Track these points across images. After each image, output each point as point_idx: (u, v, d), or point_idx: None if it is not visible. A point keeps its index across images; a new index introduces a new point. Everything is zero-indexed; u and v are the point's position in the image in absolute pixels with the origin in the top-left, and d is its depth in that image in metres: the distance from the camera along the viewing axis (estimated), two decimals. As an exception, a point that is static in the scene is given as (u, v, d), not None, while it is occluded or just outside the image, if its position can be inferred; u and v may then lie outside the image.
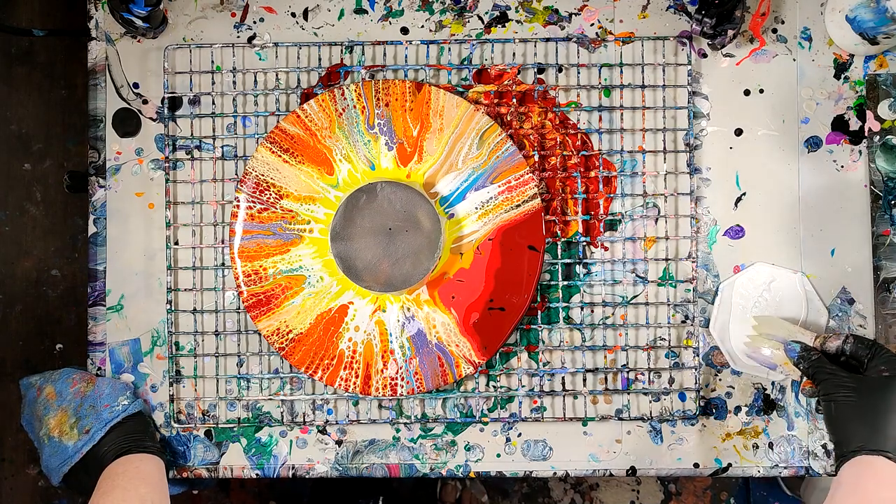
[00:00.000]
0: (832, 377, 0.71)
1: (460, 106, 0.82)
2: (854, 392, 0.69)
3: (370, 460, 0.84)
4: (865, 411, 0.68)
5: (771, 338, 0.78)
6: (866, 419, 0.68)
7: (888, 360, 0.71)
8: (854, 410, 0.69)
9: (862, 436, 0.68)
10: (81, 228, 1.37)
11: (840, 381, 0.71)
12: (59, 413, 0.79)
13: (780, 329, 0.78)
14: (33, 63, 1.38)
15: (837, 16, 0.82)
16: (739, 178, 0.84)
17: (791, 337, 0.76)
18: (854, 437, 0.68)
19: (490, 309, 0.81)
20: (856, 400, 0.69)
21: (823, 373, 0.72)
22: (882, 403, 0.68)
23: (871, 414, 0.68)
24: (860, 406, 0.69)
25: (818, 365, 0.73)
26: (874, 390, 0.69)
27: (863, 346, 0.73)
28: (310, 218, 0.82)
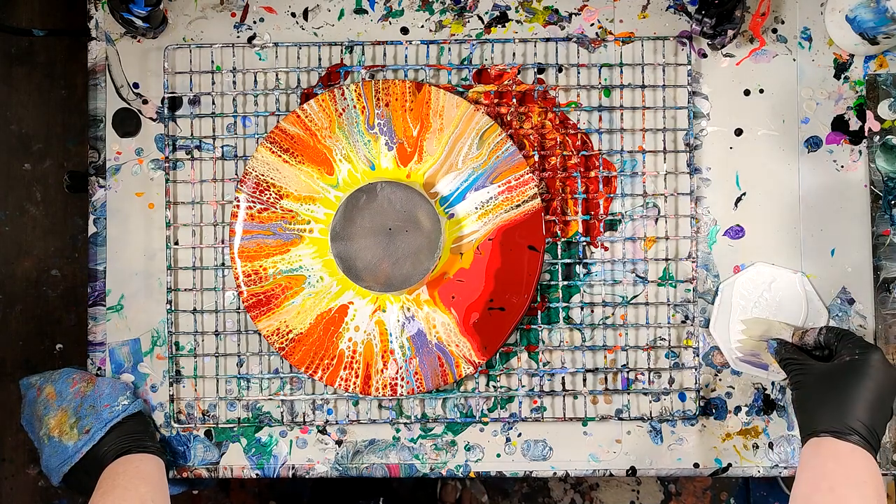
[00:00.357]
0: (800, 367, 0.73)
1: (460, 106, 0.82)
2: (816, 379, 0.71)
3: (370, 460, 0.84)
4: (825, 396, 0.70)
5: (758, 338, 0.79)
6: (827, 403, 0.69)
7: (852, 346, 0.72)
8: (815, 396, 0.70)
9: (821, 417, 0.69)
10: (81, 228, 1.37)
11: (805, 370, 0.73)
12: (59, 413, 0.79)
13: (765, 327, 0.79)
14: (33, 63, 1.38)
15: (837, 16, 0.82)
16: (739, 178, 0.84)
17: (774, 334, 0.78)
18: (814, 419, 0.70)
19: (490, 309, 0.81)
20: (817, 385, 0.71)
21: (792, 363, 0.74)
22: (841, 387, 0.69)
23: (831, 398, 0.69)
24: (821, 391, 0.70)
25: (789, 356, 0.75)
26: (834, 376, 0.71)
27: (833, 334, 0.74)
28: (310, 218, 0.82)
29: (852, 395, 0.69)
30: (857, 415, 0.68)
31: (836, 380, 0.70)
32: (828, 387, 0.70)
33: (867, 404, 0.68)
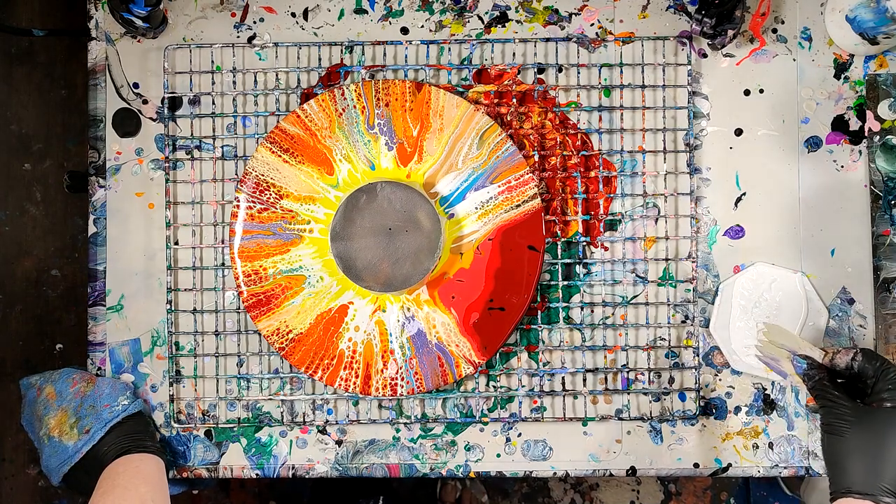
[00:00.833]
0: (833, 406, 0.68)
1: (460, 106, 0.82)
2: (852, 426, 0.66)
3: (370, 460, 0.84)
4: (861, 448, 0.65)
5: (781, 346, 0.75)
6: (861, 457, 0.65)
7: (893, 388, 0.67)
8: (849, 446, 0.66)
9: (854, 475, 0.65)
10: (81, 228, 1.38)
11: (840, 413, 0.67)
12: (59, 413, 0.79)
13: (789, 340, 0.75)
14: (33, 63, 1.38)
15: (837, 16, 0.82)
16: (739, 178, 0.84)
17: (799, 350, 0.73)
18: (846, 475, 0.65)
19: (490, 309, 0.81)
20: (853, 434, 0.66)
21: (825, 399, 0.69)
22: (879, 440, 0.65)
23: (866, 452, 0.65)
24: (856, 442, 0.65)
25: (822, 388, 0.69)
26: (873, 425, 0.66)
27: (870, 364, 0.69)
28: (310, 218, 0.82)
29: (889, 454, 0.64)
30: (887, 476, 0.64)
31: (876, 432, 0.65)
32: (865, 440, 0.65)
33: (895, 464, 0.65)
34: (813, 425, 0.83)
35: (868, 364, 0.69)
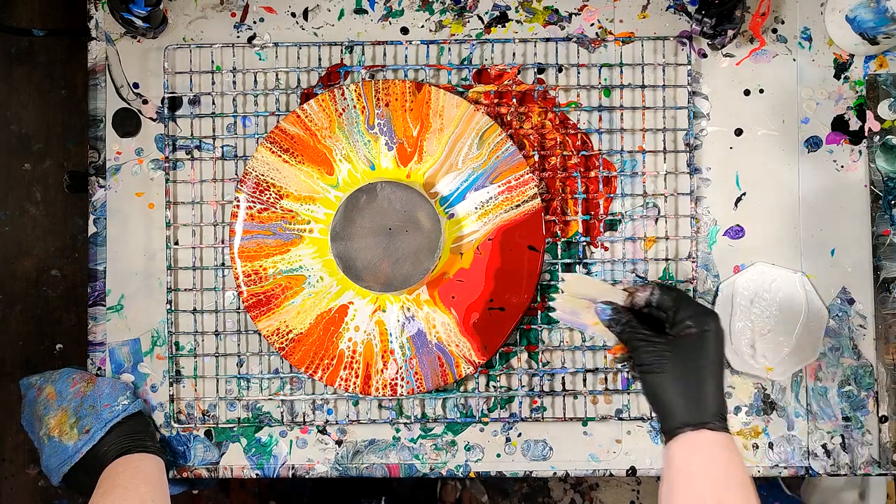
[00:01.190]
0: (646, 344, 0.68)
1: (460, 106, 0.82)
2: (668, 360, 0.66)
3: (370, 460, 0.84)
4: (681, 380, 0.66)
5: (580, 297, 0.73)
6: (684, 390, 0.66)
7: (693, 314, 0.67)
8: (671, 381, 0.66)
9: (683, 410, 0.65)
10: (81, 228, 1.38)
11: (655, 349, 0.67)
12: (59, 413, 0.79)
13: (589, 288, 0.73)
14: (33, 63, 1.38)
15: (837, 16, 0.82)
16: (739, 178, 0.84)
17: (601, 296, 0.72)
18: (676, 412, 0.66)
19: (490, 309, 0.81)
20: (671, 368, 0.66)
21: (636, 340, 0.68)
22: (694, 367, 0.66)
23: (687, 382, 0.66)
24: (676, 375, 0.66)
25: (631, 329, 0.69)
26: (686, 354, 0.66)
27: (668, 296, 0.69)
28: (310, 218, 0.82)
29: (707, 378, 0.66)
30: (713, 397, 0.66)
31: (691, 360, 0.66)
32: (683, 370, 0.66)
33: (718, 383, 0.66)
34: (813, 425, 0.83)
35: (665, 295, 0.69)
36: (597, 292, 0.72)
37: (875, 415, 0.83)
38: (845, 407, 0.83)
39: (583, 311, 0.73)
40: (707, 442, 0.65)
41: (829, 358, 0.83)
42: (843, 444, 0.83)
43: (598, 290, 0.73)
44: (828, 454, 0.83)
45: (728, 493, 0.63)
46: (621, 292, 0.72)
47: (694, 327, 0.67)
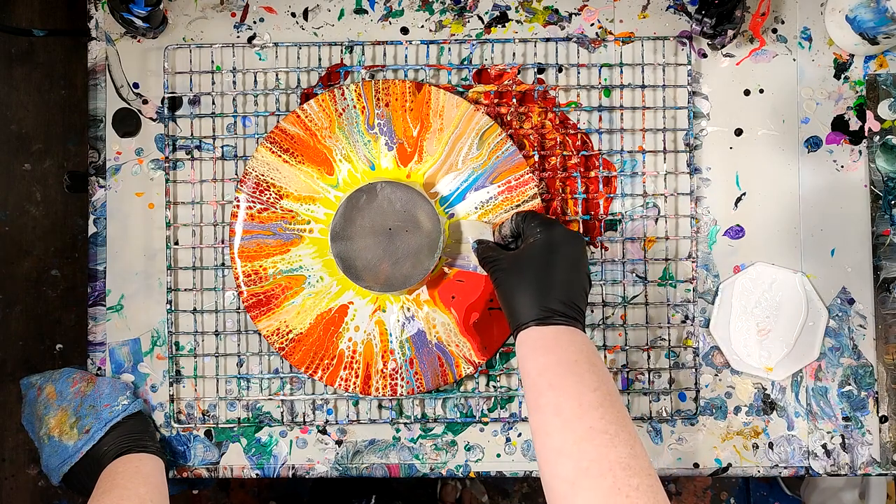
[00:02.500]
0: (492, 261, 0.72)
1: (460, 106, 0.82)
2: (510, 269, 0.70)
3: (370, 460, 0.84)
4: (520, 284, 0.68)
5: (463, 242, 0.79)
6: (523, 291, 0.68)
7: (534, 226, 0.71)
8: (511, 287, 0.69)
9: (522, 311, 0.67)
10: (81, 228, 1.38)
11: (499, 263, 0.71)
12: (59, 413, 0.79)
13: (470, 231, 0.79)
14: (33, 63, 1.38)
15: (837, 16, 0.82)
16: (739, 178, 0.84)
17: (479, 236, 0.78)
18: (516, 313, 0.68)
19: (490, 309, 0.81)
20: (511, 274, 0.69)
21: (487, 259, 0.73)
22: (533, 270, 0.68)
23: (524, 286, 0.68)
24: (515, 281, 0.68)
25: (484, 252, 0.74)
26: (526, 260, 0.69)
27: (520, 218, 0.73)
28: (310, 218, 0.82)
29: (542, 277, 0.68)
30: (552, 294, 0.67)
31: (526, 266, 0.69)
32: (519, 276, 0.69)
33: (560, 283, 0.67)
34: (813, 425, 0.83)
35: (522, 222, 0.73)
36: (474, 232, 0.79)
37: (875, 415, 0.83)
38: (845, 407, 0.83)
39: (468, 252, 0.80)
40: (539, 334, 0.66)
41: (829, 358, 0.83)
42: (843, 444, 0.83)
43: (476, 230, 0.79)
44: (828, 454, 0.83)
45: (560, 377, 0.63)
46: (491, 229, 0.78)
47: (531, 236, 0.71)
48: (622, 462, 0.58)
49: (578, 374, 0.63)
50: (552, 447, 0.61)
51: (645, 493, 0.57)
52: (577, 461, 0.59)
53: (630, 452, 0.59)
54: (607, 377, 0.64)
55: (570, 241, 0.70)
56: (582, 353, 0.64)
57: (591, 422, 0.60)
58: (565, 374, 0.63)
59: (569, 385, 0.62)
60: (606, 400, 0.62)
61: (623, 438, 0.59)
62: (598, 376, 0.63)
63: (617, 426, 0.60)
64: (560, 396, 0.62)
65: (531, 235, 0.71)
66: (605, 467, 0.58)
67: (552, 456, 0.61)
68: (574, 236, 0.70)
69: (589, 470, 0.58)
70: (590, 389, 0.62)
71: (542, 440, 0.62)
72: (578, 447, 0.59)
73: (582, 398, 0.62)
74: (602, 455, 0.58)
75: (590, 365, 0.64)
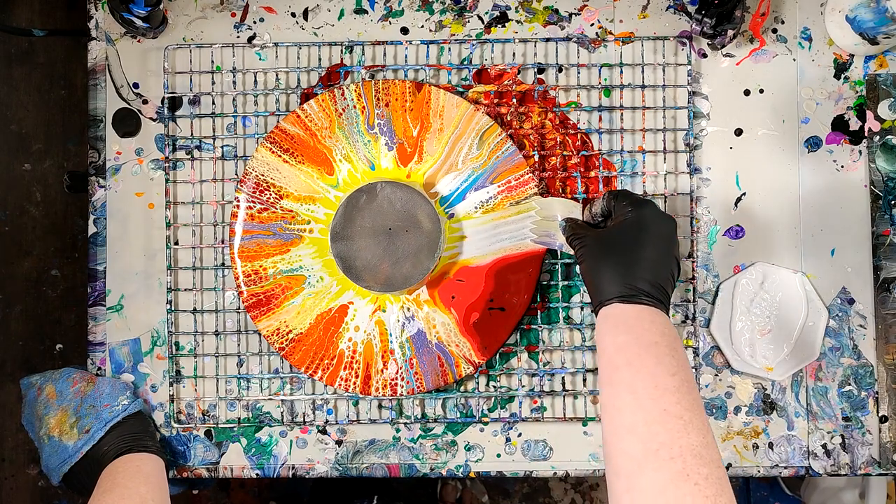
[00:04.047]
0: (580, 238, 0.71)
1: (460, 106, 0.82)
2: (597, 246, 0.69)
3: (370, 460, 0.84)
4: (607, 260, 0.67)
5: (551, 219, 0.78)
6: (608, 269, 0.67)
7: (625, 204, 0.70)
8: (597, 265, 0.68)
9: (607, 286, 0.66)
10: (81, 228, 1.38)
11: (586, 241, 0.70)
12: (59, 412, 0.79)
13: (558, 208, 0.78)
14: (33, 63, 1.38)
15: (837, 16, 0.82)
16: (739, 178, 0.84)
17: (566, 214, 0.77)
18: (601, 289, 0.67)
19: (490, 309, 0.81)
20: (597, 253, 0.68)
21: (574, 238, 0.72)
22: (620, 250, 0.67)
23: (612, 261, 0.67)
24: (603, 257, 0.68)
25: (572, 231, 0.73)
26: (613, 239, 0.68)
27: (611, 196, 0.72)
28: (310, 218, 0.82)
29: (630, 256, 0.66)
30: (639, 273, 0.66)
31: (614, 243, 0.68)
32: (607, 252, 0.68)
33: (647, 262, 0.66)
34: (813, 425, 0.83)
35: (614, 200, 0.72)
36: (562, 211, 0.77)
37: (875, 415, 0.83)
38: (845, 407, 0.83)
39: (556, 230, 0.78)
40: (621, 311, 0.65)
41: (829, 358, 0.83)
42: (843, 444, 0.83)
43: (563, 208, 0.77)
44: (828, 454, 0.83)
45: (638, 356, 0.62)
46: (579, 205, 0.77)
47: (621, 215, 0.70)
48: (694, 450, 0.57)
49: (657, 356, 0.62)
50: (622, 424, 0.60)
51: (714, 483, 0.56)
52: (647, 442, 0.58)
53: (702, 441, 0.58)
54: (686, 364, 0.63)
55: (661, 221, 0.69)
56: (663, 336, 0.63)
57: (665, 405, 0.60)
58: (644, 355, 0.62)
59: (646, 365, 0.62)
60: (684, 386, 0.61)
61: (696, 426, 0.59)
62: (678, 361, 0.62)
63: (692, 413, 0.59)
64: (636, 375, 0.62)
65: (621, 214, 0.70)
66: (676, 452, 0.57)
67: (621, 432, 0.60)
68: (666, 217, 0.69)
69: (658, 452, 0.57)
70: (668, 373, 0.61)
71: (611, 415, 0.62)
72: (649, 428, 0.59)
73: (658, 380, 0.61)
74: (674, 439, 0.58)
75: (670, 349, 0.63)
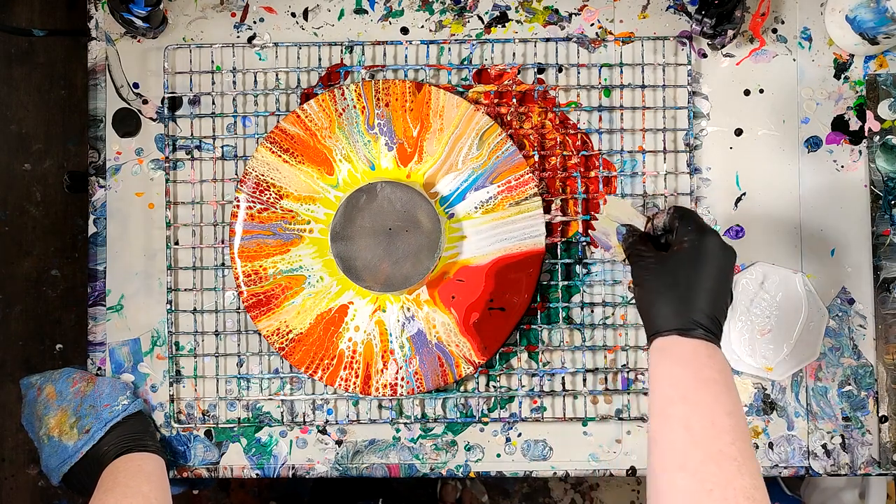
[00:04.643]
0: (640, 259, 0.69)
1: (460, 106, 0.82)
2: (656, 272, 0.67)
3: (370, 460, 0.84)
4: (664, 291, 0.65)
5: (614, 220, 0.75)
6: (667, 301, 0.65)
7: (689, 231, 0.67)
8: (655, 292, 0.66)
9: (661, 319, 0.65)
10: (81, 228, 1.38)
11: (645, 263, 0.68)
12: (59, 413, 0.79)
13: (622, 211, 0.75)
14: (33, 63, 1.38)
15: (837, 16, 0.82)
16: (739, 178, 0.84)
17: (627, 220, 0.74)
18: (654, 321, 0.66)
19: (490, 309, 0.81)
20: (656, 279, 0.66)
21: (634, 256, 0.70)
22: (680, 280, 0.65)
23: (671, 295, 0.65)
24: (660, 286, 0.66)
25: (631, 246, 0.71)
26: (672, 267, 0.66)
27: (677, 215, 0.69)
28: (310, 218, 0.82)
29: (690, 287, 0.65)
30: (698, 306, 0.64)
31: (674, 272, 0.66)
32: (666, 281, 0.66)
33: (706, 294, 0.65)
34: (813, 425, 0.83)
35: (678, 220, 0.69)
36: (625, 216, 0.75)
37: (875, 415, 0.83)
38: (845, 407, 0.83)
39: (612, 232, 0.75)
40: (678, 345, 0.64)
41: (829, 358, 0.83)
42: (843, 444, 0.83)
43: (627, 213, 0.75)
44: (828, 454, 0.83)
45: (695, 392, 0.62)
46: (644, 218, 0.74)
47: (687, 242, 0.67)
48: (747, 492, 0.57)
49: (715, 394, 0.61)
50: (674, 459, 0.60)
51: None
52: (701, 481, 0.58)
53: (754, 483, 0.58)
54: (740, 404, 0.62)
55: (723, 254, 0.67)
56: (721, 374, 0.63)
57: (721, 445, 0.59)
58: (701, 391, 0.62)
59: (704, 402, 0.61)
60: (739, 426, 0.61)
61: (749, 469, 0.59)
62: (733, 400, 0.62)
63: (745, 455, 0.59)
64: (692, 412, 0.61)
65: (685, 238, 0.67)
66: (730, 494, 0.57)
67: (672, 468, 0.60)
68: (728, 248, 0.67)
69: (712, 493, 0.57)
70: (724, 412, 0.61)
71: (662, 449, 0.61)
72: (705, 467, 0.59)
73: (715, 418, 0.60)
74: (728, 481, 0.58)
75: (726, 387, 0.62)
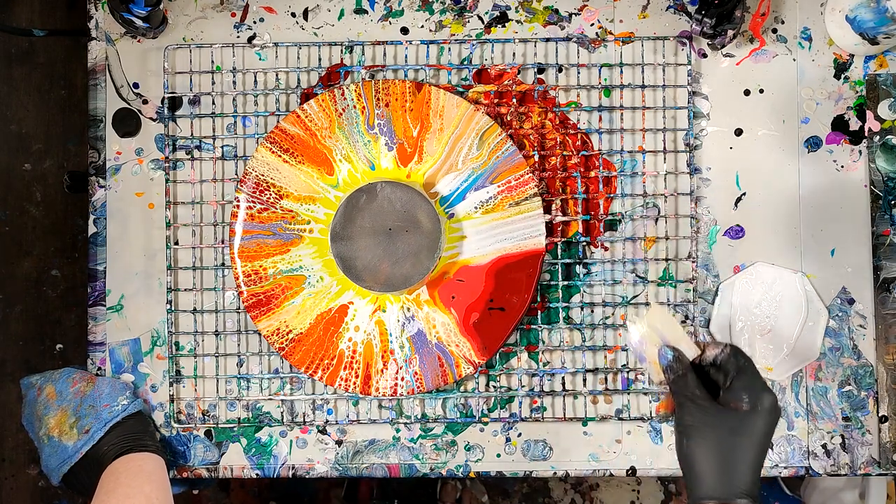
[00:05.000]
0: (692, 406, 0.64)
1: (460, 106, 0.82)
2: (707, 427, 0.63)
3: (370, 460, 0.84)
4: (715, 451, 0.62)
5: (656, 331, 0.69)
6: (717, 463, 0.62)
7: (749, 387, 0.64)
8: (705, 451, 0.63)
9: (710, 484, 0.62)
10: (81, 228, 1.38)
11: (698, 415, 0.64)
12: (58, 413, 0.79)
13: (668, 327, 0.69)
14: (33, 63, 1.38)
15: (837, 16, 0.82)
16: (739, 178, 0.84)
17: (673, 340, 0.68)
18: (703, 484, 0.62)
19: (490, 309, 0.81)
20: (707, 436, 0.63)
21: (684, 396, 0.65)
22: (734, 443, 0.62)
23: (723, 457, 0.62)
24: (712, 446, 0.63)
25: (683, 384, 0.66)
26: (729, 427, 0.63)
27: (735, 360, 0.66)
28: (310, 218, 0.82)
29: (739, 459, 0.62)
30: (743, 475, 0.62)
31: (726, 435, 0.63)
32: (715, 441, 0.63)
33: (753, 461, 0.62)
34: (813, 425, 0.83)
35: (733, 359, 0.66)
36: (671, 334, 0.69)
37: (875, 415, 0.83)
38: (845, 407, 0.83)
39: (650, 345, 0.69)
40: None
41: (829, 358, 0.83)
42: (843, 444, 0.83)
43: (674, 332, 0.69)
44: (828, 454, 0.83)
45: None
46: (693, 345, 0.68)
47: (747, 403, 0.64)
48: None
49: None
50: None
51: None
52: None
53: None
54: None
55: (775, 416, 0.64)
56: None
57: None
58: None
59: None
60: None
61: None
62: None
63: None
64: None
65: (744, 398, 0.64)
66: None
67: None
68: (779, 409, 0.65)
69: None
70: None
71: None
72: None
73: None
74: None
75: None
